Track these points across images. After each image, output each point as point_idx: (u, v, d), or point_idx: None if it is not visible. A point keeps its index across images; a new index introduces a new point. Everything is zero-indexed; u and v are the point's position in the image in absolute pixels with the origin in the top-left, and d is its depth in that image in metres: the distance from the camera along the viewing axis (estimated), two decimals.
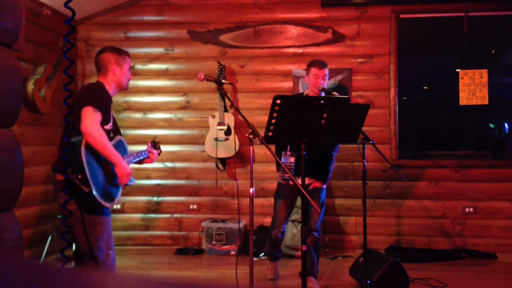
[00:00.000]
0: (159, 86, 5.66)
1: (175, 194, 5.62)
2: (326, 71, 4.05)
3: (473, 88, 5.34)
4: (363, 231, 3.56)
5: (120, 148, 3.09)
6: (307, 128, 3.07)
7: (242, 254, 4.88)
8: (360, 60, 5.45)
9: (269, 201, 5.17)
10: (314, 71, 4.01)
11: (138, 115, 5.66)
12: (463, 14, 5.34)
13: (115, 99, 4.92)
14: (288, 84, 5.51)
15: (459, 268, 4.79)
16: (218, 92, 4.83)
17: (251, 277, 2.83)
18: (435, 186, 5.34)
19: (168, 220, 5.63)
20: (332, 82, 5.36)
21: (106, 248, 2.95)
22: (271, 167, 5.27)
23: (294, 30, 5.53)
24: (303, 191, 2.71)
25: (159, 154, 3.51)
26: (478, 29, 5.58)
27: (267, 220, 5.23)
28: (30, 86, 4.55)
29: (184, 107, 5.64)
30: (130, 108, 5.66)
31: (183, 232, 5.61)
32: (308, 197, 2.64)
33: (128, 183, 3.03)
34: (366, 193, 3.57)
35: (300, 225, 3.13)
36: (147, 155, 3.37)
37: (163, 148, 3.68)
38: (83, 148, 2.74)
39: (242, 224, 5.25)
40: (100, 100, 2.92)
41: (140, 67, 5.65)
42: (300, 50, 5.51)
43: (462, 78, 5.37)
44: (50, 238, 4.77)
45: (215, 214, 5.54)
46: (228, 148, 5.28)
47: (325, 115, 3.04)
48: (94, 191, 2.72)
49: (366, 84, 5.44)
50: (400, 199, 5.38)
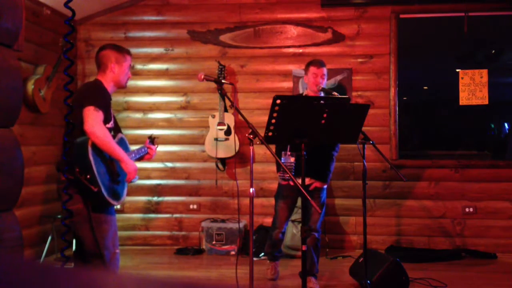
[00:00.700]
0: (159, 86, 5.65)
1: (175, 194, 5.62)
2: (325, 70, 4.06)
3: (473, 88, 5.34)
4: (363, 231, 3.56)
5: (122, 146, 3.10)
6: (307, 128, 3.06)
7: (242, 254, 4.88)
8: (360, 60, 5.45)
9: (269, 201, 5.17)
10: (313, 70, 4.02)
11: (138, 115, 5.66)
12: (463, 14, 5.34)
13: (115, 99, 4.93)
14: (288, 84, 5.51)
15: (459, 268, 4.78)
16: (218, 92, 4.81)
17: (251, 277, 2.83)
18: (435, 186, 5.34)
19: (168, 220, 5.63)
20: (332, 82, 5.36)
21: (113, 246, 2.97)
22: (271, 167, 5.27)
23: (294, 30, 5.53)
24: (303, 191, 2.71)
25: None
26: (478, 29, 5.58)
27: (267, 220, 5.23)
28: (30, 86, 4.55)
29: (184, 107, 5.63)
30: (130, 108, 5.66)
31: (183, 232, 5.61)
32: (308, 197, 2.64)
33: (133, 180, 3.06)
34: (366, 193, 3.57)
35: (300, 225, 3.13)
36: (146, 151, 3.38)
37: (163, 148, 3.70)
38: (90, 148, 2.75)
39: (242, 224, 5.25)
40: (101, 99, 2.92)
41: (140, 67, 5.65)
42: (300, 50, 5.51)
43: (462, 78, 5.37)
44: (50, 238, 4.77)
45: (215, 214, 5.54)
46: (228, 148, 5.28)
47: (325, 115, 3.04)
48: (103, 190, 2.74)
49: (366, 84, 5.43)
50: (400, 199, 5.38)
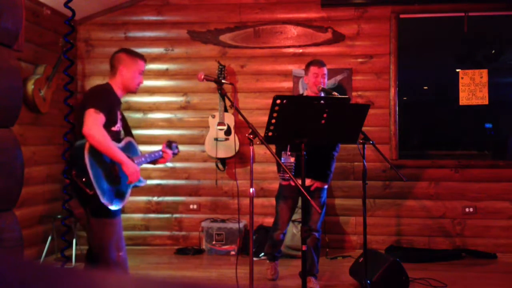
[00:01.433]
0: (159, 86, 5.65)
1: (175, 194, 5.62)
2: (325, 70, 4.05)
3: (473, 88, 5.34)
4: (363, 231, 3.56)
5: (129, 150, 3.09)
6: (307, 128, 3.06)
7: (242, 254, 4.88)
8: (360, 60, 5.45)
9: (269, 201, 5.17)
10: (314, 69, 4.02)
11: (138, 115, 5.66)
12: (463, 14, 5.34)
13: None
14: (288, 84, 5.51)
15: (459, 268, 4.78)
16: (218, 92, 4.82)
17: (251, 277, 2.83)
18: (435, 186, 5.34)
19: (168, 220, 5.63)
20: (332, 82, 5.36)
21: (116, 249, 2.94)
22: (271, 167, 5.27)
23: (294, 30, 5.53)
24: (303, 191, 2.71)
25: (175, 154, 3.49)
26: (478, 29, 5.58)
27: (267, 220, 5.23)
28: (30, 86, 4.54)
29: (184, 107, 5.63)
30: (130, 108, 5.65)
31: (183, 232, 5.61)
32: (308, 197, 2.64)
33: (138, 184, 3.01)
34: (366, 193, 3.57)
35: (300, 225, 3.13)
36: (160, 155, 3.34)
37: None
38: (86, 151, 2.74)
39: (242, 224, 5.25)
40: (103, 101, 2.91)
41: None
42: (300, 50, 5.51)
43: (462, 78, 5.38)
44: (50, 238, 4.77)
45: (215, 214, 5.53)
46: (228, 148, 5.28)
47: (325, 115, 3.04)
48: (99, 193, 2.72)
49: (366, 84, 5.43)
50: (400, 199, 5.38)
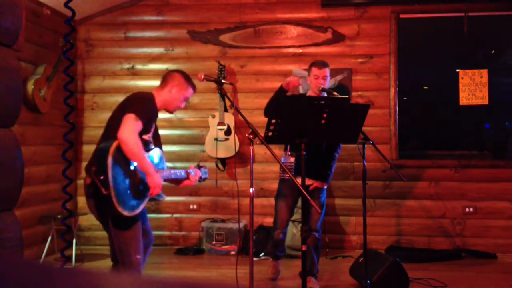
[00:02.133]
0: None
1: (175, 194, 5.62)
2: (327, 71, 4.03)
3: (473, 88, 5.34)
4: (363, 231, 3.56)
5: (158, 162, 3.12)
6: (307, 128, 3.06)
7: (242, 254, 4.87)
8: (360, 60, 5.45)
9: (269, 201, 5.17)
10: (315, 71, 4.01)
11: None
12: (463, 14, 5.35)
13: (114, 98, 4.93)
14: None
15: (459, 268, 4.78)
16: (218, 92, 4.82)
17: (251, 277, 2.83)
18: (435, 186, 5.34)
19: (168, 220, 5.63)
20: (332, 82, 5.36)
21: (134, 252, 2.94)
22: (271, 167, 5.27)
23: (294, 30, 5.53)
24: (303, 191, 2.71)
25: (202, 180, 3.41)
26: (478, 29, 5.58)
27: (267, 220, 5.23)
28: (30, 86, 4.54)
29: (184, 107, 5.62)
30: None
31: (183, 232, 5.61)
32: (308, 197, 2.64)
33: (157, 198, 3.01)
34: (366, 193, 3.57)
35: (300, 225, 3.13)
36: (185, 176, 3.30)
37: (164, 148, 3.63)
38: (111, 153, 2.72)
39: (242, 224, 5.25)
40: (145, 110, 2.93)
41: (140, 67, 5.65)
42: (300, 50, 5.51)
43: (462, 78, 5.38)
44: (50, 238, 4.77)
45: (215, 214, 5.53)
46: (228, 148, 5.27)
47: (325, 115, 3.04)
48: (113, 196, 2.70)
49: (366, 84, 5.43)
50: (400, 199, 5.38)
